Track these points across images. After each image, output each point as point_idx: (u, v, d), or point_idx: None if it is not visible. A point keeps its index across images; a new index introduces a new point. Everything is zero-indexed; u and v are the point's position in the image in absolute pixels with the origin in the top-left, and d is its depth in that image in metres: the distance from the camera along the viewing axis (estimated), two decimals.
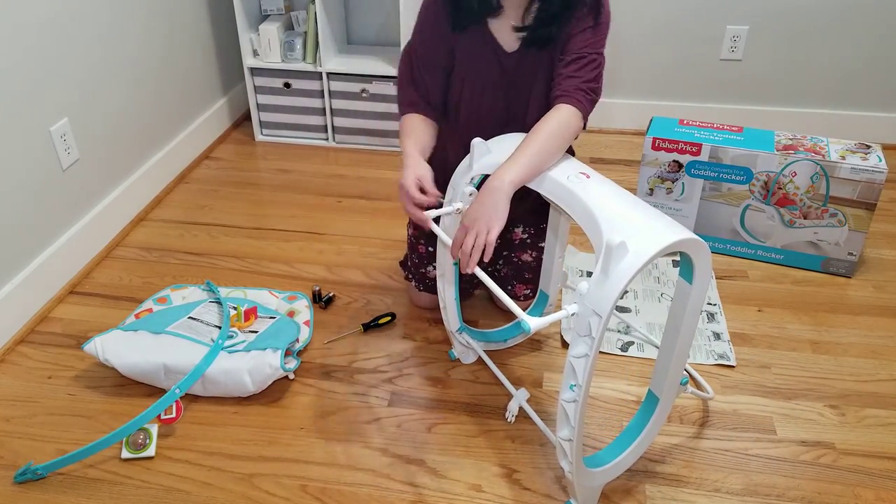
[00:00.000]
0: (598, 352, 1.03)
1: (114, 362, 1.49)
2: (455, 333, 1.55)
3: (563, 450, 1.15)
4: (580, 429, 1.10)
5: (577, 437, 1.10)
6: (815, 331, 1.73)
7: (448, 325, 1.54)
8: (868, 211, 1.83)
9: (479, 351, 1.55)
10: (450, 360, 1.62)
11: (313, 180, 2.43)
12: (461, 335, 1.55)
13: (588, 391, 1.07)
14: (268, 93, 2.61)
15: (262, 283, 1.87)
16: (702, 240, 1.08)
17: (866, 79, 2.53)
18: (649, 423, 1.30)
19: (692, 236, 1.06)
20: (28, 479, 1.33)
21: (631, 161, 2.52)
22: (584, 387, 1.05)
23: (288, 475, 1.35)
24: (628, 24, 2.54)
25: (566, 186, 1.18)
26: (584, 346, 1.04)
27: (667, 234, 1.04)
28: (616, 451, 1.27)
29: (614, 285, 0.99)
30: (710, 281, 1.16)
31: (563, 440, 1.13)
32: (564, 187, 1.18)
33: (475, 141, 1.29)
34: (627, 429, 1.32)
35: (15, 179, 1.68)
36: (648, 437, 1.31)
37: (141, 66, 2.16)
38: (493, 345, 1.63)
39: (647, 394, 1.31)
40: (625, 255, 1.00)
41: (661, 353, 1.26)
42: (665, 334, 1.24)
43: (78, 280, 1.89)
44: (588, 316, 1.01)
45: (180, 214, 2.22)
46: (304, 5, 2.59)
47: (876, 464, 1.38)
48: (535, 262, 1.69)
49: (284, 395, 1.53)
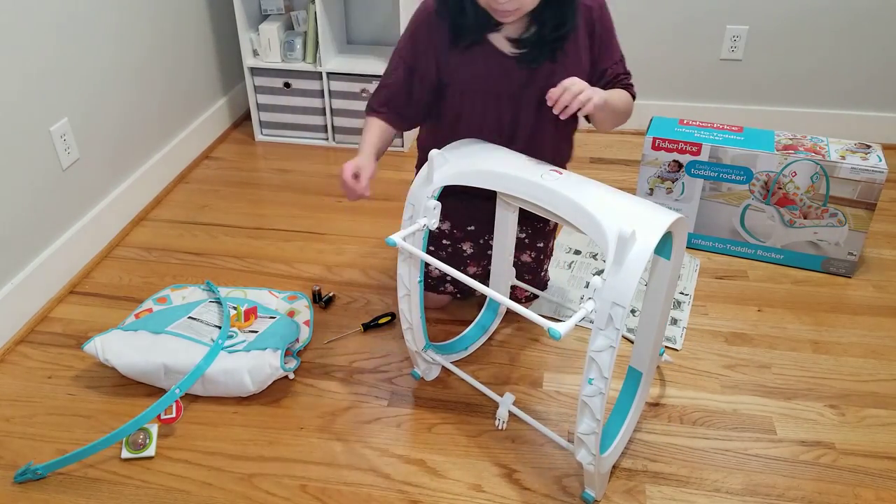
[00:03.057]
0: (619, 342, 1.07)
1: (114, 362, 1.49)
2: (421, 352, 1.52)
3: (585, 444, 1.18)
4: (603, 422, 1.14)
5: (600, 430, 1.14)
6: (815, 331, 1.73)
7: (413, 346, 1.49)
8: (868, 211, 1.83)
9: (446, 364, 1.53)
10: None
11: (313, 180, 2.43)
12: (427, 352, 1.52)
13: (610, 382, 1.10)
14: (268, 93, 2.61)
15: (262, 283, 1.87)
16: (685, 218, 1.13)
17: (866, 79, 2.53)
18: (636, 398, 1.36)
19: (680, 216, 1.12)
20: (28, 479, 1.33)
21: (631, 161, 2.52)
22: (608, 378, 1.08)
23: (288, 475, 1.35)
24: (629, 24, 2.54)
25: (544, 185, 1.19)
26: (606, 339, 1.06)
27: (662, 217, 1.09)
28: (614, 433, 1.31)
29: (632, 274, 1.02)
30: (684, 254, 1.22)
31: (583, 435, 1.16)
32: (542, 186, 1.19)
33: (433, 153, 1.27)
34: (616, 409, 1.36)
35: (15, 179, 1.68)
36: (637, 410, 1.37)
37: (141, 66, 2.16)
38: (456, 354, 1.62)
39: (629, 370, 1.37)
40: (635, 244, 1.03)
41: (640, 331, 1.32)
42: (643, 312, 1.29)
43: (78, 280, 1.89)
44: (608, 309, 1.04)
45: (180, 214, 2.22)
46: (304, 5, 2.59)
47: (876, 464, 1.38)
48: (534, 262, 1.69)
49: (284, 395, 1.53)
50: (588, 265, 1.99)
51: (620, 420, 1.33)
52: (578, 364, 1.63)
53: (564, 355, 1.65)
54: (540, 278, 1.74)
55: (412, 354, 1.54)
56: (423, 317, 1.47)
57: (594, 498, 1.29)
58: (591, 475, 1.25)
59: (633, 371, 1.37)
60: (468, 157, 1.28)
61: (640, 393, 1.36)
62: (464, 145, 1.33)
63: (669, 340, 1.68)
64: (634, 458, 1.39)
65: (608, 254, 1.05)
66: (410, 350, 1.52)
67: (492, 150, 1.31)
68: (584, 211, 1.12)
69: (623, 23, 2.63)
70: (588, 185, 1.19)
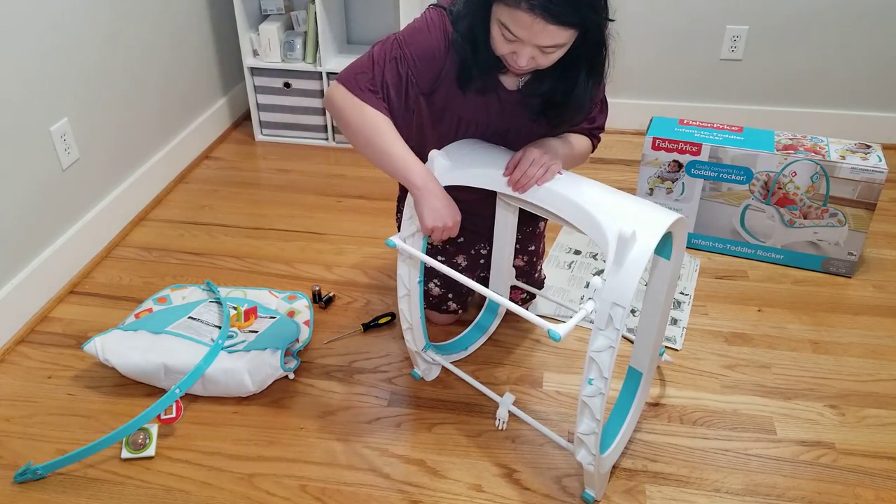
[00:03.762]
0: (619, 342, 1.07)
1: (114, 362, 1.49)
2: (420, 352, 1.52)
3: (585, 444, 1.18)
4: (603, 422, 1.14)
5: (599, 430, 1.14)
6: (815, 331, 1.73)
7: (413, 346, 1.50)
8: (868, 211, 1.83)
9: (446, 364, 1.54)
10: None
11: (313, 180, 2.43)
12: (426, 353, 1.53)
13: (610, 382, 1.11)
14: (268, 93, 2.61)
15: (262, 283, 1.87)
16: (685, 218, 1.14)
17: (866, 79, 2.53)
18: (636, 398, 1.36)
19: (680, 216, 1.12)
20: (28, 479, 1.33)
21: (631, 161, 2.52)
22: (608, 378, 1.08)
23: (288, 475, 1.35)
24: (629, 24, 2.54)
25: (544, 186, 1.19)
26: (605, 339, 1.07)
27: (662, 217, 1.09)
28: (613, 433, 1.31)
29: (632, 274, 1.02)
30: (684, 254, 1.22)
31: (583, 435, 1.17)
32: (542, 187, 1.20)
33: (433, 152, 1.27)
34: (616, 409, 1.36)
35: (15, 179, 1.68)
36: (637, 411, 1.38)
37: (141, 65, 2.16)
38: (456, 354, 1.62)
39: (629, 370, 1.37)
40: (634, 244, 1.03)
41: (639, 331, 1.32)
42: (644, 312, 1.29)
43: (78, 280, 1.89)
44: (608, 309, 1.04)
45: (180, 214, 2.22)
46: (304, 5, 2.59)
47: (876, 464, 1.38)
48: (527, 265, 1.69)
49: (284, 395, 1.53)
50: (588, 265, 1.99)
51: (620, 420, 1.34)
52: (579, 364, 1.63)
53: (565, 355, 1.65)
54: (535, 279, 1.74)
55: (412, 354, 1.54)
56: (422, 317, 1.47)
57: (594, 498, 1.29)
58: (591, 475, 1.25)
59: (633, 371, 1.37)
60: (468, 158, 1.28)
61: (640, 393, 1.37)
62: (464, 146, 1.33)
63: (669, 340, 1.68)
64: (634, 458, 1.39)
65: (608, 254, 1.05)
66: (410, 350, 1.52)
67: (492, 151, 1.31)
68: (584, 211, 1.13)
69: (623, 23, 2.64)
70: (588, 185, 1.19)
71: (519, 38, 1.10)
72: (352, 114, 1.24)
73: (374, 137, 1.23)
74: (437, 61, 1.25)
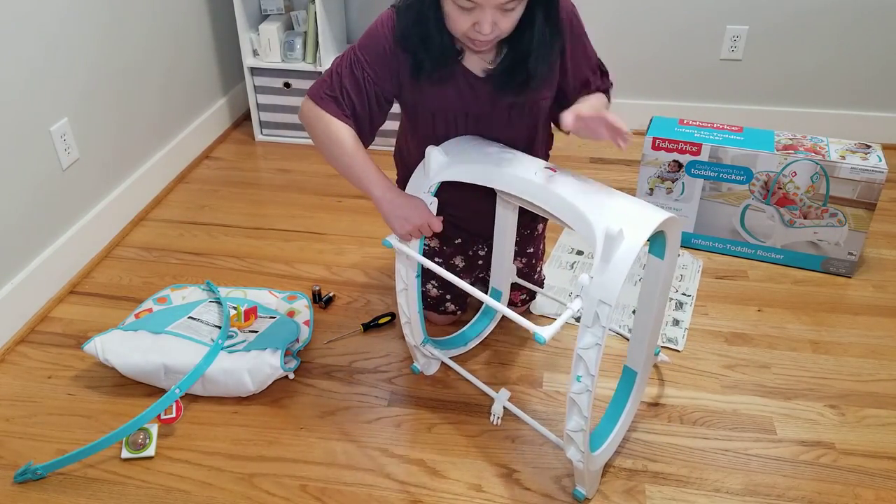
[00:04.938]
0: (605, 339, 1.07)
1: (114, 362, 1.49)
2: (419, 346, 1.52)
3: (574, 441, 1.18)
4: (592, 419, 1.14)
5: (587, 427, 1.14)
6: (815, 331, 1.73)
7: (411, 340, 1.50)
8: (868, 211, 1.83)
9: (444, 359, 1.54)
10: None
11: (313, 180, 2.43)
12: (425, 347, 1.53)
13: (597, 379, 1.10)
14: (268, 92, 2.61)
15: (261, 283, 1.87)
16: (677, 217, 1.13)
17: (866, 79, 2.53)
18: (631, 397, 1.36)
19: (671, 215, 1.11)
20: (28, 479, 1.33)
21: (631, 161, 2.52)
22: (595, 375, 1.08)
23: (288, 475, 1.35)
24: (628, 24, 2.54)
25: (537, 183, 1.19)
26: (593, 336, 1.07)
27: (653, 216, 1.09)
28: (607, 431, 1.32)
29: (618, 272, 1.02)
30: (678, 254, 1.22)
31: (572, 432, 1.16)
32: (535, 184, 1.19)
33: (429, 149, 1.26)
34: (611, 407, 1.36)
35: (15, 179, 1.68)
36: (632, 410, 1.38)
37: (141, 65, 2.16)
38: (455, 350, 1.63)
39: (623, 370, 1.37)
40: (622, 242, 1.03)
41: (635, 330, 1.32)
42: (638, 312, 1.29)
43: (78, 280, 1.89)
44: (594, 307, 1.04)
45: (180, 214, 2.22)
46: (304, 5, 2.59)
47: (876, 464, 1.38)
48: (526, 267, 1.68)
49: (284, 395, 1.53)
50: (590, 266, 1.99)
51: (614, 419, 1.34)
52: None
53: (564, 355, 1.65)
54: (534, 281, 1.74)
55: (411, 349, 1.54)
56: (421, 312, 1.48)
57: (585, 496, 1.29)
58: (581, 473, 1.25)
59: (628, 370, 1.37)
60: (465, 154, 1.28)
61: (634, 393, 1.37)
62: (462, 142, 1.33)
63: (671, 342, 1.68)
64: (634, 458, 1.39)
65: (595, 251, 1.05)
66: (409, 344, 1.52)
67: (490, 147, 1.31)
68: (573, 208, 1.12)
69: (623, 23, 2.65)
70: (580, 182, 1.19)
71: (477, 3, 1.10)
72: (317, 127, 1.28)
73: (336, 150, 1.27)
74: (388, 60, 1.27)
